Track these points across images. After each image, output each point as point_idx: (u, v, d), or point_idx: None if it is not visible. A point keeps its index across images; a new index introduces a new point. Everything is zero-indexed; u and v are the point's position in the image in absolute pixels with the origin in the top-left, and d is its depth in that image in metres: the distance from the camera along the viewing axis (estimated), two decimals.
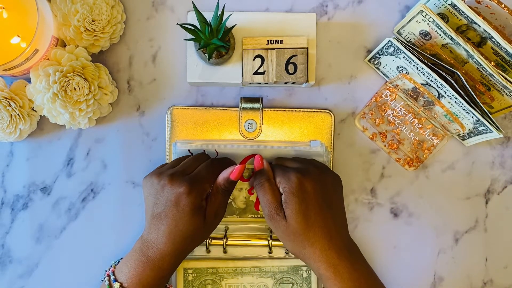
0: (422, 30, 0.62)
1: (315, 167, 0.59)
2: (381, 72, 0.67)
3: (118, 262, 0.58)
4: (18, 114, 0.62)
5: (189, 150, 0.64)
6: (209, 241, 0.64)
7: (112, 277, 0.56)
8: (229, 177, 0.58)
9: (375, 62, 0.66)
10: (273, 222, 0.57)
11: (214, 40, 0.59)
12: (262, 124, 0.66)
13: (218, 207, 0.58)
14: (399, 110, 0.67)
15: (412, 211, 0.68)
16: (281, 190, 0.57)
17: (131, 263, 0.56)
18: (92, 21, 0.61)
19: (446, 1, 0.61)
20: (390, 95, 0.67)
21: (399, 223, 0.68)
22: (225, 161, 0.62)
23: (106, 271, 0.57)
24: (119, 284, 0.55)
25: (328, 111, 0.66)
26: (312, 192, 0.56)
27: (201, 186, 0.56)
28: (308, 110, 0.66)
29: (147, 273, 0.55)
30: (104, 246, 0.66)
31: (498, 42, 0.59)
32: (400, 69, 0.64)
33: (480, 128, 0.62)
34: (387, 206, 0.68)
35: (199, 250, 0.65)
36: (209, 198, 0.57)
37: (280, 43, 0.63)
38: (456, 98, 0.60)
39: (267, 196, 0.57)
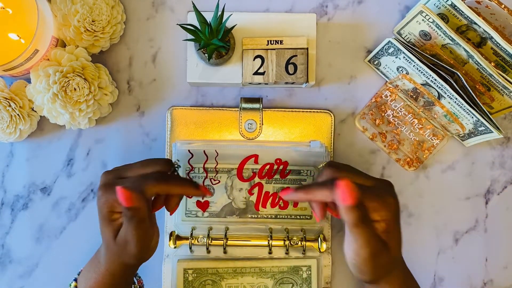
0: (422, 31, 0.62)
1: (384, 180, 0.54)
2: (381, 72, 0.67)
3: None
4: (18, 115, 0.62)
5: (189, 150, 0.64)
6: (209, 241, 0.64)
7: (75, 276, 0.57)
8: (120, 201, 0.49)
9: (375, 63, 0.66)
10: (376, 259, 0.49)
11: (214, 40, 0.59)
12: (262, 124, 0.66)
13: (126, 233, 0.50)
14: (399, 111, 0.67)
15: (412, 211, 0.68)
16: (378, 217, 0.49)
17: (87, 265, 0.56)
18: (92, 21, 0.61)
19: (446, 2, 0.61)
20: (390, 95, 0.67)
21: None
22: (174, 182, 0.52)
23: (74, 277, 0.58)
24: (74, 284, 0.56)
25: (328, 111, 0.66)
26: (399, 214, 0.52)
27: (112, 197, 0.50)
28: (308, 110, 0.66)
29: (92, 275, 0.55)
30: None
31: (498, 43, 0.59)
32: (400, 69, 0.64)
33: (480, 129, 0.62)
34: None
35: (199, 250, 0.65)
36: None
37: (280, 44, 0.63)
38: (456, 99, 0.60)
39: (370, 232, 0.49)
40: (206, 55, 0.62)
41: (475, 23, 0.60)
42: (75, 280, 0.57)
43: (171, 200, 0.55)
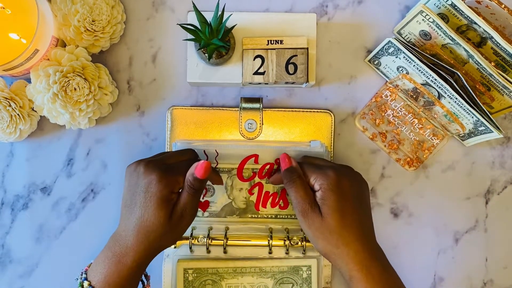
0: (422, 30, 0.62)
1: (347, 168, 0.59)
2: (381, 72, 0.67)
3: None
4: (18, 114, 0.62)
5: None
6: (209, 241, 0.64)
7: (83, 275, 0.55)
8: (194, 174, 0.55)
9: (375, 62, 0.66)
10: (307, 219, 0.55)
11: (214, 40, 0.59)
12: (262, 124, 0.66)
13: (185, 206, 0.55)
14: (399, 110, 0.67)
15: (412, 211, 0.68)
16: (317, 186, 0.56)
17: (99, 260, 0.54)
18: (92, 21, 0.61)
19: (446, 1, 0.61)
20: (390, 95, 0.67)
21: (399, 223, 0.68)
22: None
23: (82, 270, 0.56)
24: (88, 282, 0.54)
25: (328, 111, 0.66)
26: (349, 191, 0.55)
27: (174, 177, 0.55)
28: (308, 110, 0.66)
29: (112, 270, 0.53)
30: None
31: (498, 42, 0.60)
32: (400, 69, 0.64)
33: (480, 128, 0.62)
34: (387, 206, 0.68)
35: (199, 250, 0.65)
36: (180, 194, 0.56)
37: (280, 43, 0.63)
38: (456, 98, 0.60)
39: (300, 192, 0.56)
40: (206, 55, 0.62)
41: (475, 23, 0.60)
42: (86, 279, 0.54)
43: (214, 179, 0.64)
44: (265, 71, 0.63)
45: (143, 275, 0.60)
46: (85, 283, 0.54)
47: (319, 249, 0.56)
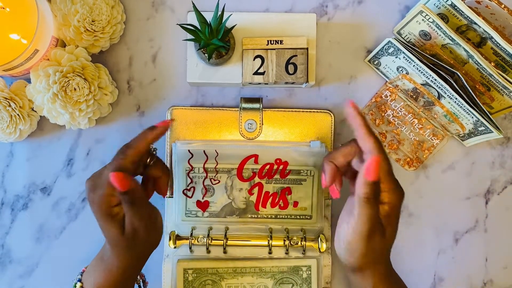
0: (422, 31, 0.62)
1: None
2: (381, 72, 0.67)
3: None
4: (18, 115, 0.62)
5: (189, 150, 0.64)
6: (209, 241, 0.64)
7: (78, 277, 0.55)
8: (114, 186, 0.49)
9: (375, 62, 0.66)
10: (370, 239, 0.50)
11: (214, 40, 0.59)
12: (262, 124, 0.66)
13: (131, 220, 0.50)
14: (399, 111, 0.67)
15: (412, 211, 0.68)
16: (386, 199, 0.51)
17: (92, 264, 0.55)
18: (92, 21, 0.61)
19: (446, 2, 0.61)
20: (390, 95, 0.67)
21: (399, 223, 0.67)
22: (139, 135, 0.55)
23: (77, 275, 0.57)
24: (80, 284, 0.54)
25: (328, 111, 0.66)
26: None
27: (104, 191, 0.50)
28: (308, 110, 0.66)
29: (101, 276, 0.53)
30: None
31: (498, 43, 0.59)
32: (400, 69, 0.64)
33: (480, 129, 0.62)
34: None
35: (199, 250, 0.65)
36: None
37: (280, 43, 0.63)
38: (456, 99, 0.60)
39: (373, 211, 0.50)
40: (206, 55, 0.62)
41: (475, 23, 0.60)
42: (80, 280, 0.55)
43: (159, 182, 0.58)
44: (265, 71, 0.63)
45: (141, 280, 0.60)
46: (78, 285, 0.55)
47: (351, 263, 0.53)
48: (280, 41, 0.63)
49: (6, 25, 0.56)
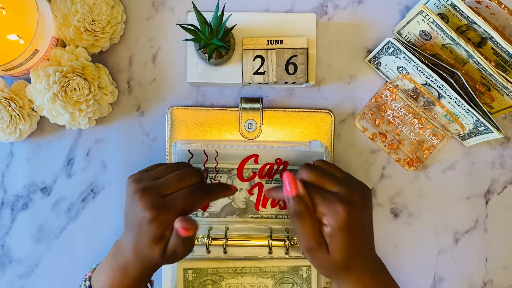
0: (422, 30, 0.62)
1: (359, 190, 0.54)
2: (381, 72, 0.67)
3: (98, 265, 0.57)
4: (18, 115, 0.62)
5: (189, 150, 0.64)
6: (209, 241, 0.64)
7: (87, 283, 0.55)
8: (178, 230, 0.51)
9: (375, 62, 0.66)
10: (313, 254, 0.53)
11: (214, 40, 0.59)
12: (262, 124, 0.66)
13: (175, 246, 0.52)
14: (399, 110, 0.67)
15: (412, 211, 0.68)
16: (325, 221, 0.52)
17: (103, 269, 0.55)
18: (92, 21, 0.61)
19: (446, 1, 0.61)
20: (390, 95, 0.67)
21: (399, 223, 0.68)
22: (213, 189, 0.57)
23: (85, 275, 0.57)
24: (89, 283, 0.54)
25: (328, 111, 0.66)
26: (359, 224, 0.52)
27: (169, 216, 0.52)
28: (308, 110, 0.66)
29: (117, 280, 0.53)
30: (104, 246, 0.66)
31: (498, 43, 0.59)
32: (400, 69, 0.64)
33: (480, 128, 0.62)
34: (387, 206, 0.68)
35: (199, 250, 0.65)
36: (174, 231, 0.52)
37: (280, 43, 0.63)
38: (456, 98, 0.60)
39: (307, 228, 0.52)
40: (206, 55, 0.62)
41: (475, 23, 0.60)
42: (90, 286, 0.55)
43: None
44: (265, 71, 0.63)
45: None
46: (87, 283, 0.55)
47: (323, 275, 0.57)
48: (280, 41, 0.63)
49: (6, 25, 0.56)
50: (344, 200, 0.52)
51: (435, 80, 0.60)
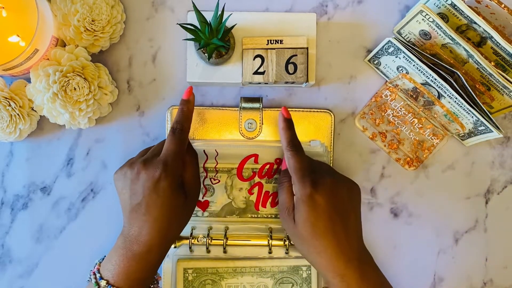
0: (422, 30, 0.62)
1: (331, 176, 0.57)
2: (381, 72, 0.67)
3: (103, 259, 0.57)
4: (18, 114, 0.62)
5: None
6: (209, 241, 0.64)
7: (98, 275, 0.55)
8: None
9: (375, 62, 0.66)
10: (284, 222, 0.58)
11: (214, 40, 0.59)
12: (262, 124, 0.66)
13: (190, 181, 0.58)
14: (399, 110, 0.67)
15: (412, 211, 0.68)
16: (293, 190, 0.57)
17: (115, 260, 0.54)
18: (92, 21, 0.61)
19: (446, 1, 0.61)
20: (390, 95, 0.67)
21: (399, 223, 0.68)
22: (178, 113, 0.60)
23: (91, 270, 0.56)
24: (105, 281, 0.54)
25: (328, 111, 0.66)
26: (323, 204, 0.55)
27: (176, 164, 0.56)
28: (308, 110, 0.66)
29: (134, 267, 0.54)
30: (104, 246, 0.66)
31: (498, 42, 0.59)
32: (400, 69, 0.64)
33: (480, 128, 0.62)
34: (387, 206, 0.68)
35: (199, 250, 0.65)
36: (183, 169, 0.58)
37: (280, 43, 0.63)
38: (456, 98, 0.60)
39: (283, 196, 0.58)
40: (206, 54, 0.62)
41: (475, 23, 0.60)
42: (101, 278, 0.55)
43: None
44: (265, 71, 0.63)
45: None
46: (102, 282, 0.54)
47: (299, 251, 0.59)
48: (280, 40, 0.63)
49: (6, 25, 0.56)
50: (313, 180, 0.56)
51: (435, 79, 0.60)
